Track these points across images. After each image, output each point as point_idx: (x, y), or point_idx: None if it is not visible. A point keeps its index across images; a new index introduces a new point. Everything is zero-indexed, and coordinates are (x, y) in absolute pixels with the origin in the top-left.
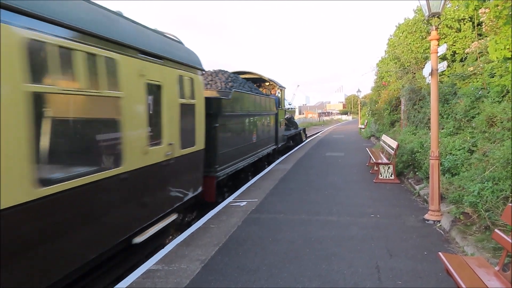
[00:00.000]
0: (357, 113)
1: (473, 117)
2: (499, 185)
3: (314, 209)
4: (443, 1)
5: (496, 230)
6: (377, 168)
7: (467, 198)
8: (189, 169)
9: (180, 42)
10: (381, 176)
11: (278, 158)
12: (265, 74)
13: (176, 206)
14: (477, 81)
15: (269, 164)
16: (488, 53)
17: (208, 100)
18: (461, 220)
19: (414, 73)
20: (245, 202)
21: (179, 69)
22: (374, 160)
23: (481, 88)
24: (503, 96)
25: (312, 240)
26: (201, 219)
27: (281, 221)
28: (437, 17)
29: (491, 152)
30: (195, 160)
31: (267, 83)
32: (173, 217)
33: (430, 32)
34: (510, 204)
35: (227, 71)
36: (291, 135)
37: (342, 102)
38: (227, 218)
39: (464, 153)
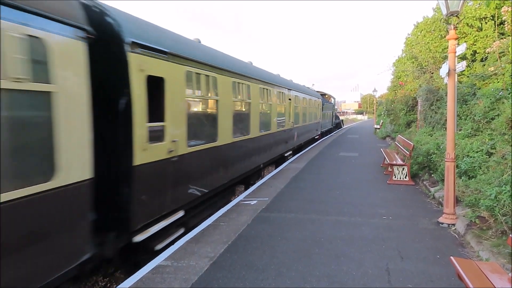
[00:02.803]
0: (373, 113)
1: (492, 119)
2: None
3: (325, 209)
4: (462, 0)
5: (511, 235)
6: (391, 169)
7: (483, 201)
8: (318, 126)
9: (314, 90)
10: (395, 177)
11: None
12: (321, 89)
13: (318, 134)
14: (498, 82)
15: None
16: (510, 52)
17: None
18: (476, 224)
19: (432, 73)
20: (256, 201)
21: (319, 100)
22: (388, 161)
23: (502, 89)
24: None
25: (322, 240)
26: (211, 217)
27: (291, 220)
28: (456, 16)
29: (510, 155)
30: (319, 124)
31: (326, 96)
32: (317, 136)
33: (449, 31)
34: None
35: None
36: (336, 122)
37: (357, 101)
38: (237, 216)
39: (482, 156)
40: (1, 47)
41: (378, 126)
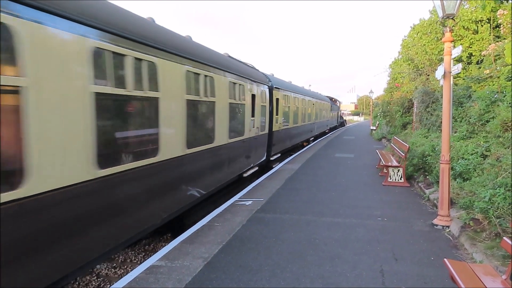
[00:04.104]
0: (369, 114)
1: (487, 121)
2: (511, 192)
3: (320, 210)
4: (458, 2)
5: (504, 238)
6: (386, 171)
7: (477, 204)
8: (328, 123)
9: (325, 96)
10: (390, 179)
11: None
12: (329, 94)
13: (328, 128)
14: (493, 85)
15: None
16: (505, 55)
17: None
18: (470, 226)
19: (428, 75)
20: (251, 201)
21: (328, 103)
22: (384, 163)
23: (497, 92)
24: None
25: (317, 241)
26: (205, 217)
27: (286, 221)
28: (452, 18)
29: (505, 158)
30: (329, 121)
31: (333, 99)
32: (327, 130)
33: (445, 34)
34: None
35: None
36: (340, 121)
37: (354, 102)
38: (232, 217)
39: (477, 158)
40: (257, 94)
41: (374, 128)
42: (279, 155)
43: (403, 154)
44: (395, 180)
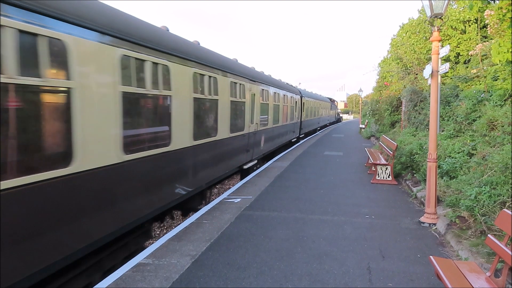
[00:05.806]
0: (358, 113)
1: (474, 120)
2: (496, 190)
3: (309, 208)
4: (446, 2)
5: (489, 235)
6: (374, 169)
7: (463, 202)
8: (329, 118)
9: (327, 98)
10: (379, 177)
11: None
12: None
13: (329, 122)
14: (480, 84)
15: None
16: (492, 55)
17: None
18: (457, 223)
19: (417, 74)
20: (239, 199)
21: (329, 103)
22: (372, 161)
23: (484, 91)
24: (505, 100)
25: (305, 239)
26: (194, 214)
27: (275, 219)
28: (440, 18)
29: (490, 156)
30: (329, 117)
31: (332, 100)
32: (328, 124)
33: (433, 33)
34: (505, 209)
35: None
36: (338, 118)
37: (343, 101)
38: (221, 214)
39: (463, 156)
40: (294, 103)
41: (363, 126)
42: (303, 135)
43: (391, 153)
44: (383, 178)
